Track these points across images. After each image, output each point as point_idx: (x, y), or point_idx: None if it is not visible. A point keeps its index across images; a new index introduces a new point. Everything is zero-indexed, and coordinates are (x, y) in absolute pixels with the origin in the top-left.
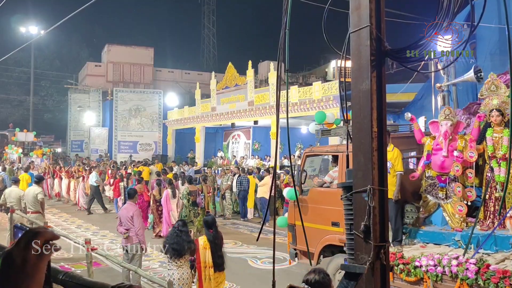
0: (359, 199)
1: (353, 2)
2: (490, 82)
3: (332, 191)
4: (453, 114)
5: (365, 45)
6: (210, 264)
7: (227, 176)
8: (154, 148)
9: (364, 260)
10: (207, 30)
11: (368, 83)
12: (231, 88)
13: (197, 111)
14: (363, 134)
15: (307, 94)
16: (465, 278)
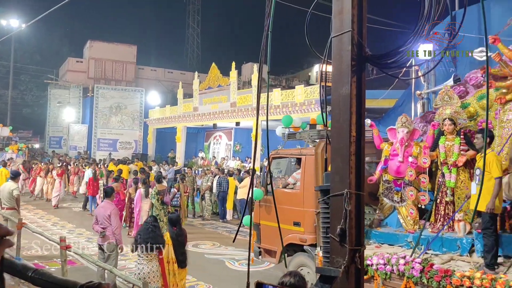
0: (336, 203)
1: (336, 7)
2: (444, 93)
3: (294, 192)
4: (409, 122)
5: (346, 50)
6: (173, 259)
7: (207, 177)
8: (134, 146)
9: (339, 264)
10: (191, 29)
11: (348, 87)
12: (214, 88)
13: (179, 110)
14: (342, 138)
15: (289, 97)
16: (411, 276)
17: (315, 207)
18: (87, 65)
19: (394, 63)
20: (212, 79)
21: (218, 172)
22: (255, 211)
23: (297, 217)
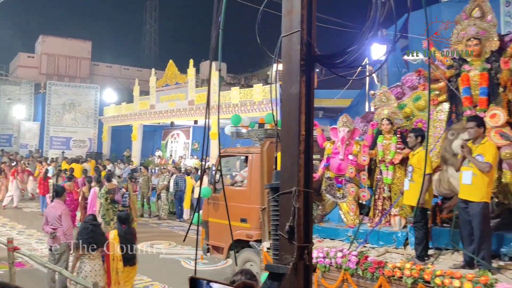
0: (285, 200)
1: (285, 6)
2: (382, 94)
3: (241, 189)
4: (350, 121)
5: (296, 49)
6: (119, 257)
7: (163, 176)
8: (89, 145)
9: (287, 261)
10: (149, 26)
11: (298, 87)
12: (172, 86)
13: (135, 108)
14: (291, 136)
15: (248, 95)
16: (348, 268)
17: (260, 204)
18: (39, 60)
19: (342, 63)
20: (170, 76)
21: (175, 171)
22: (203, 209)
23: (244, 213)
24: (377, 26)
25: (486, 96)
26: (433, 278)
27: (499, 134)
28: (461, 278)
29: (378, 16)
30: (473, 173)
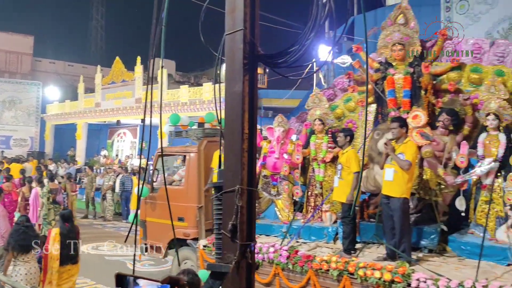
0: (228, 199)
1: (229, 4)
2: (314, 95)
3: (179, 188)
4: (285, 121)
5: (239, 48)
6: (55, 257)
7: (109, 176)
8: (30, 144)
9: (230, 259)
10: (95, 21)
11: (241, 85)
12: (118, 83)
13: (79, 106)
14: (235, 135)
15: (197, 94)
16: (279, 263)
17: (197, 203)
18: None
19: (284, 62)
20: (116, 74)
21: (121, 171)
22: (141, 208)
23: (181, 212)
24: (318, 27)
25: (409, 99)
26: (356, 270)
27: (420, 134)
28: (381, 269)
29: (319, 17)
30: (395, 170)
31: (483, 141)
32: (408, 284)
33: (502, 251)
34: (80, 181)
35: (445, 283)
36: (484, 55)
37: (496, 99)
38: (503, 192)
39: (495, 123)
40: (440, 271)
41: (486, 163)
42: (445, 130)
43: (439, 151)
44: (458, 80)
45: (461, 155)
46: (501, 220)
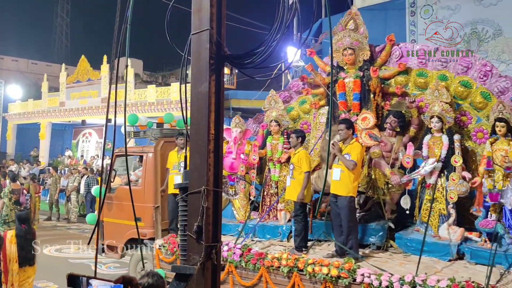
0: (193, 200)
1: (195, 4)
2: (270, 97)
3: (136, 189)
4: (242, 122)
5: (205, 48)
6: (14, 258)
7: (73, 177)
8: None
9: (195, 261)
10: (60, 19)
11: (207, 85)
12: (83, 82)
13: (43, 105)
14: (201, 136)
15: (165, 94)
16: (232, 261)
17: (154, 203)
18: None
19: (251, 63)
20: (82, 73)
21: (86, 172)
22: (98, 208)
23: (138, 213)
24: (284, 29)
25: (359, 101)
26: (305, 267)
27: (369, 135)
28: (329, 265)
29: (285, 18)
30: (342, 170)
31: (427, 142)
32: (353, 279)
33: (444, 247)
34: (43, 182)
35: (387, 277)
36: (429, 61)
37: (439, 103)
38: (446, 191)
39: (438, 125)
40: (385, 267)
41: (429, 163)
42: (393, 132)
43: (386, 151)
44: (405, 84)
45: (407, 155)
46: (444, 218)
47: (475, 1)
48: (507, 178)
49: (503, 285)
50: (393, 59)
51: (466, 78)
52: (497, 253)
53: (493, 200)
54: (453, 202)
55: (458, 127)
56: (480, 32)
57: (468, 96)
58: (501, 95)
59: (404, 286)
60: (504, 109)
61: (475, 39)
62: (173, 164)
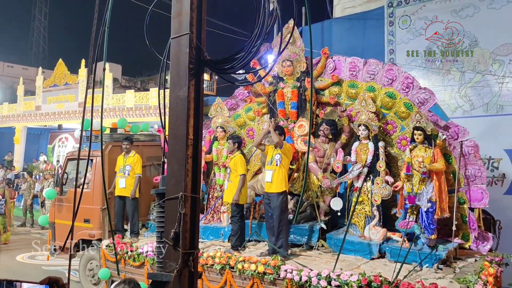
0: (171, 206)
1: (175, 8)
2: (216, 105)
3: (85, 191)
4: None
5: (185, 52)
6: None
7: (48, 182)
8: None
9: (172, 268)
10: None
11: (186, 90)
12: (60, 86)
13: (18, 108)
14: (179, 141)
15: (144, 99)
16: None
17: (101, 205)
18: None
19: (230, 68)
20: (59, 76)
21: None
22: (50, 211)
23: (87, 214)
24: (264, 35)
25: (296, 110)
26: (236, 264)
27: (304, 141)
28: (256, 262)
29: (265, 25)
30: (273, 170)
31: (355, 149)
32: (278, 275)
33: (368, 246)
34: (18, 187)
35: (307, 273)
36: (359, 73)
37: (366, 112)
38: (371, 194)
39: (365, 133)
40: (312, 265)
41: (356, 168)
42: (326, 139)
43: (319, 157)
44: (339, 94)
45: (337, 161)
46: (370, 219)
47: (451, 12)
48: (423, 182)
49: (410, 280)
50: (328, 71)
51: (391, 90)
52: (412, 251)
53: (410, 202)
54: (377, 204)
55: (384, 134)
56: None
57: (393, 106)
58: (421, 105)
59: (321, 280)
60: (421, 119)
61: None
62: (119, 167)
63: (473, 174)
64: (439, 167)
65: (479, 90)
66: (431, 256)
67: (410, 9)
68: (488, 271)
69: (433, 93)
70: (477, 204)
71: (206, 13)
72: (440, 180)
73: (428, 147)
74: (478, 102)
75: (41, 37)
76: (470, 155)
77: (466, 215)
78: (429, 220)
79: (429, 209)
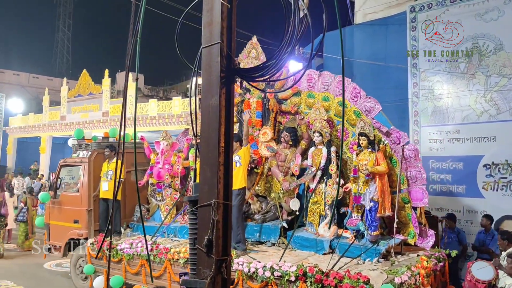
0: (203, 213)
1: (205, 18)
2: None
3: (75, 195)
4: (169, 136)
5: (216, 61)
6: None
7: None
8: None
9: (205, 275)
10: (61, 33)
11: (217, 98)
12: (85, 96)
13: (44, 119)
14: (211, 148)
15: (166, 108)
16: (144, 256)
17: (88, 206)
18: None
19: (260, 76)
20: (83, 86)
21: None
22: (45, 213)
23: (76, 215)
24: (295, 42)
25: (261, 119)
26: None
27: (267, 147)
28: None
29: (296, 32)
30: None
31: (311, 153)
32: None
33: (321, 243)
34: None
35: (255, 265)
36: (315, 84)
37: (319, 120)
38: (324, 194)
39: (319, 139)
40: (268, 259)
41: (310, 171)
42: (287, 144)
43: (281, 161)
44: (299, 104)
45: (295, 165)
46: (323, 218)
47: (476, 16)
48: (367, 183)
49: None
50: (289, 83)
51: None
52: (357, 246)
53: (356, 202)
54: (329, 204)
55: (338, 140)
56: (481, 46)
57: (345, 114)
58: (368, 113)
59: (266, 271)
60: (365, 125)
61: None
62: (103, 172)
63: (415, 176)
64: (381, 169)
65: (505, 94)
66: (372, 251)
67: (433, 13)
68: (422, 264)
69: (377, 102)
70: (419, 203)
71: (236, 22)
72: (382, 181)
73: (372, 151)
74: (505, 106)
75: (65, 48)
76: (411, 158)
77: (411, 214)
78: (372, 218)
79: (372, 207)
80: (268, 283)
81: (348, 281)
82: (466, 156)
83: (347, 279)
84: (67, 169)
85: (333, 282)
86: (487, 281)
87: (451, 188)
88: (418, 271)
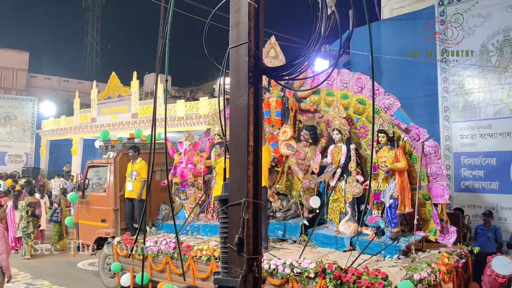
0: (234, 212)
1: (233, 18)
2: (214, 114)
3: (102, 195)
4: (191, 136)
5: (244, 61)
6: None
7: None
8: (25, 160)
9: (237, 273)
10: (90, 37)
11: (246, 98)
12: (114, 98)
13: (75, 121)
14: (240, 148)
15: (193, 109)
16: (168, 253)
17: (114, 206)
18: None
19: (288, 75)
20: (112, 89)
21: None
22: (74, 212)
23: (104, 215)
24: (323, 39)
25: (280, 117)
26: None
27: (287, 146)
28: None
29: (323, 29)
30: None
31: (331, 151)
32: None
33: (341, 240)
34: None
35: (275, 262)
36: (334, 82)
37: (338, 118)
38: (344, 192)
39: (338, 136)
40: (289, 256)
41: (330, 169)
42: (306, 143)
43: (301, 159)
44: (318, 102)
45: (316, 163)
46: (344, 215)
47: (507, 8)
48: (387, 180)
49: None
50: (308, 81)
51: (361, 96)
52: (377, 243)
53: (376, 199)
54: (349, 201)
55: (357, 137)
56: None
57: (364, 112)
58: (387, 110)
59: (286, 268)
60: (384, 123)
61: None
62: (128, 173)
63: (435, 172)
64: (400, 166)
65: None
66: (392, 247)
67: (462, 6)
68: (443, 261)
69: (396, 98)
70: (440, 200)
71: (263, 22)
72: (402, 178)
73: (391, 148)
74: None
75: (94, 52)
76: (431, 154)
77: (432, 210)
78: (392, 215)
79: (391, 204)
80: (288, 279)
81: (367, 278)
82: (499, 152)
83: (366, 275)
84: (94, 170)
85: (351, 279)
86: (507, 275)
87: (483, 184)
88: (438, 267)
